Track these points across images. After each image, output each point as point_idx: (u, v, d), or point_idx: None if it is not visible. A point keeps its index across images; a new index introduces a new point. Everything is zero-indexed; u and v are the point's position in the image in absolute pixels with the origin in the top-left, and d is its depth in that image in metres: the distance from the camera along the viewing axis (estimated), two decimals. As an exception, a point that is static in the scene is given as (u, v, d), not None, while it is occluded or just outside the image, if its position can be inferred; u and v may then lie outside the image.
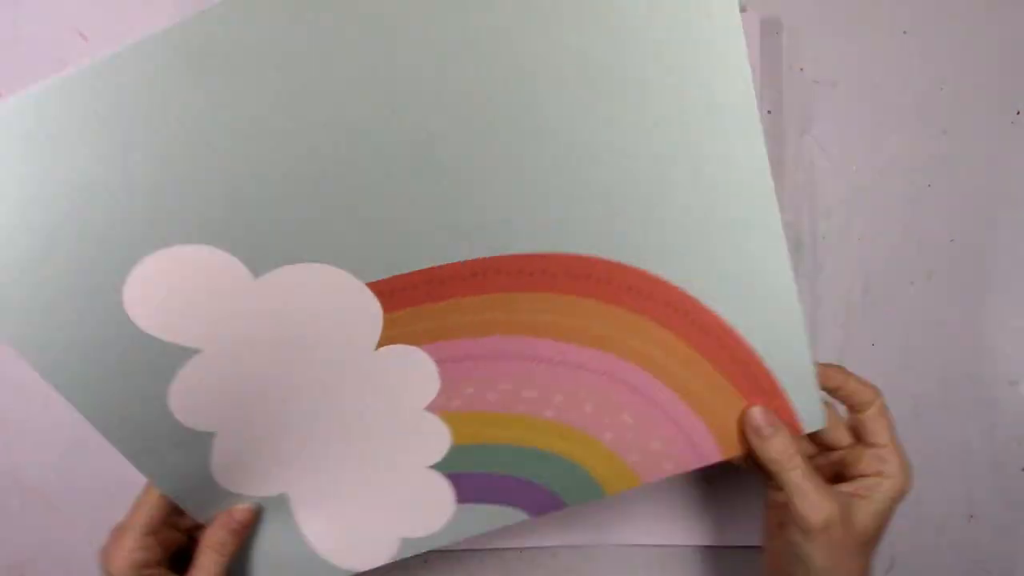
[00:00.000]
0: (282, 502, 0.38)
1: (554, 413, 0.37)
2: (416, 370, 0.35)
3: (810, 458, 0.39)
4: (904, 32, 0.47)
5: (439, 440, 0.37)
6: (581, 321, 0.35)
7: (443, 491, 0.38)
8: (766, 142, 0.31)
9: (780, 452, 0.35)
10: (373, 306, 0.33)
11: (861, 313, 0.49)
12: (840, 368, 0.38)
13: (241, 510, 0.38)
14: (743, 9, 0.47)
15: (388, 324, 0.34)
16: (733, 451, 0.38)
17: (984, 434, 0.49)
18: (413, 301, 0.34)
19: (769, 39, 0.47)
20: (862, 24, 0.48)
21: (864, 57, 0.48)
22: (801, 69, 0.48)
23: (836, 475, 0.39)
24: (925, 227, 0.48)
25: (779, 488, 0.36)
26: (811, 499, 0.35)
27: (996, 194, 0.48)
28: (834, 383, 0.38)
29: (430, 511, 0.39)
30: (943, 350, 0.49)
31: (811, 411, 0.37)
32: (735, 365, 0.36)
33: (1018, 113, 0.48)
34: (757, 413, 0.36)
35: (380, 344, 0.34)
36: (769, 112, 0.48)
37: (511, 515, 0.39)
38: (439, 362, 0.35)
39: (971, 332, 0.48)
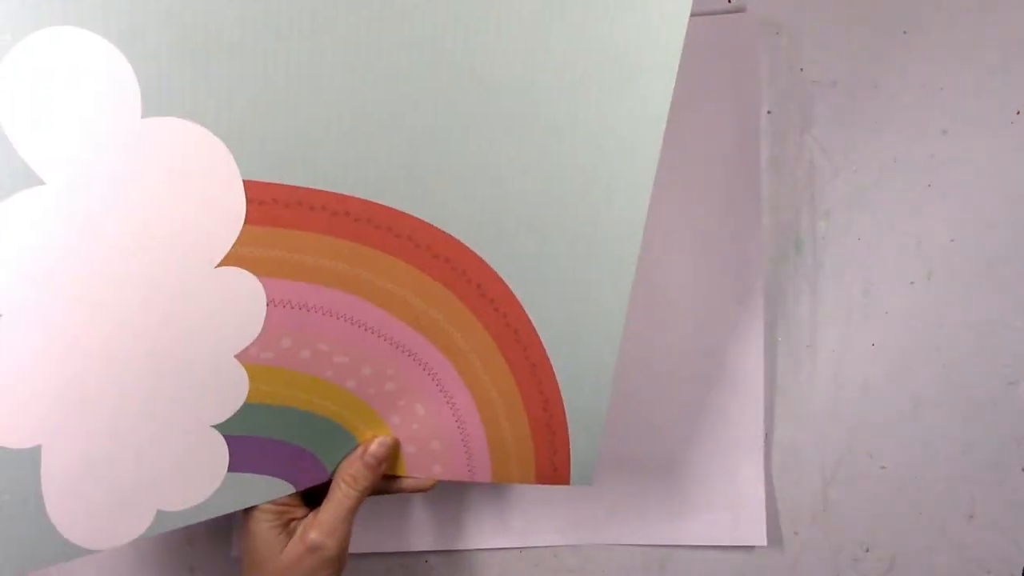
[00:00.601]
0: (32, 457, 0.31)
1: (355, 384, 0.35)
2: (244, 306, 0.31)
3: None
4: (904, 32, 0.47)
5: (234, 395, 0.33)
6: (423, 304, 0.34)
7: (218, 456, 0.34)
8: (649, 192, 0.32)
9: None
10: (238, 209, 0.29)
11: (861, 313, 0.49)
12: None
13: (378, 442, 0.37)
14: (743, 9, 0.47)
15: (242, 239, 0.30)
16: (503, 479, 0.39)
17: (984, 434, 0.49)
18: (278, 220, 0.30)
19: (769, 39, 0.47)
20: (862, 24, 0.48)
21: (864, 57, 0.48)
22: (801, 69, 0.48)
23: None
24: (925, 227, 0.48)
25: None
26: None
27: (996, 194, 0.48)
28: None
29: (198, 479, 0.34)
30: (943, 350, 0.49)
31: (585, 469, 0.38)
32: (538, 396, 0.36)
33: (1018, 113, 0.48)
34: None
35: (224, 262, 0.30)
36: (769, 112, 0.48)
37: (278, 487, 0.37)
38: (271, 303, 0.32)
39: (971, 332, 0.48)
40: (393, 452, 0.38)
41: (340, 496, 0.37)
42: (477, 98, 0.31)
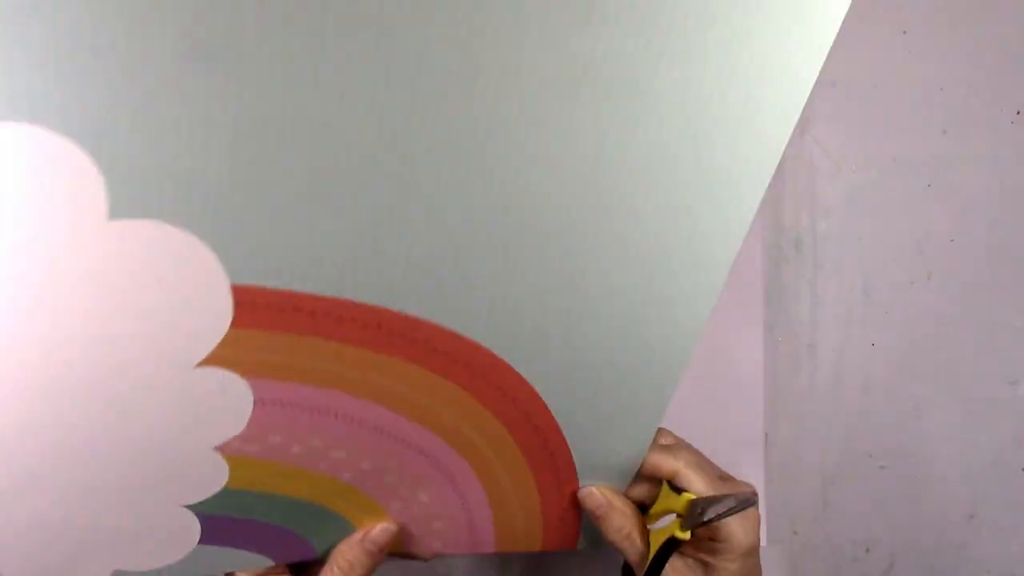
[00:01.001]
0: None
1: (351, 477, 0.33)
2: (228, 404, 0.29)
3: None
4: (904, 32, 0.47)
5: (212, 482, 0.31)
6: (422, 396, 0.32)
7: (189, 531, 0.32)
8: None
9: (617, 531, 0.35)
10: (224, 313, 0.27)
11: (861, 313, 0.49)
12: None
13: (381, 528, 0.35)
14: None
15: (227, 341, 0.28)
16: (509, 548, 0.37)
17: (984, 434, 0.49)
18: (268, 324, 0.28)
19: (769, 39, 0.47)
20: (862, 24, 0.48)
21: (864, 57, 0.48)
22: (801, 69, 0.48)
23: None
24: (925, 227, 0.48)
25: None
26: None
27: (996, 194, 0.48)
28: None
29: (164, 547, 0.32)
30: (943, 350, 0.49)
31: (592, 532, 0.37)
32: (552, 481, 0.35)
33: (1018, 113, 0.48)
34: (594, 493, 0.35)
35: (205, 362, 0.28)
36: (769, 112, 0.48)
37: (255, 560, 0.34)
38: (258, 402, 0.30)
39: (971, 332, 0.48)
40: (394, 540, 0.35)
41: None
42: (516, 215, 0.28)
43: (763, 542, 0.48)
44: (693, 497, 0.33)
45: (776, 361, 0.49)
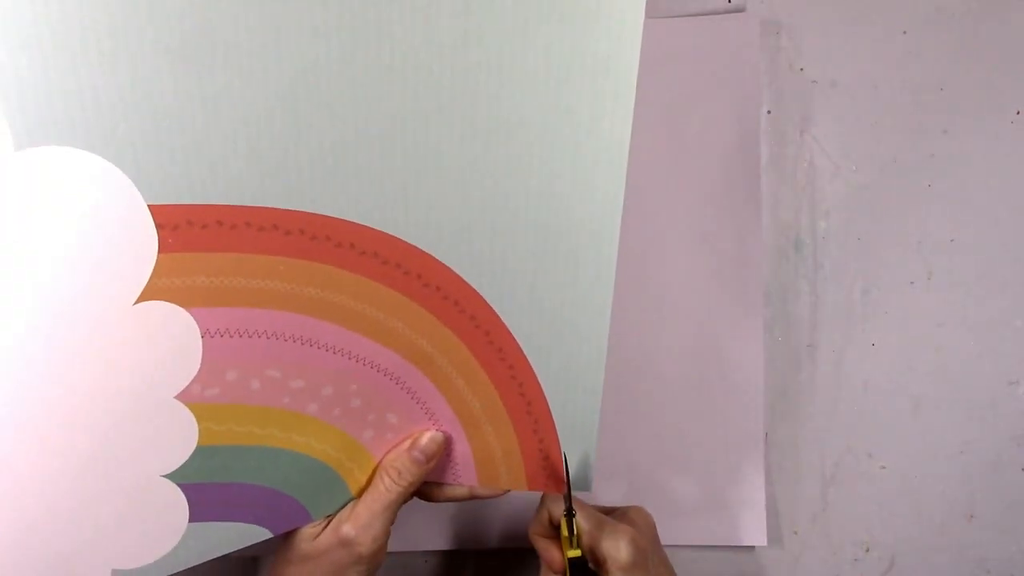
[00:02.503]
0: None
1: (317, 408, 0.32)
2: (176, 341, 0.28)
3: None
4: (904, 32, 0.47)
5: (183, 440, 0.30)
6: (380, 313, 0.31)
7: (176, 508, 0.31)
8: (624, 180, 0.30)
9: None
10: (149, 238, 0.26)
11: (861, 313, 0.49)
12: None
13: (429, 437, 0.34)
14: (743, 9, 0.47)
15: (160, 269, 0.26)
16: (493, 482, 0.37)
17: (984, 434, 0.49)
18: (196, 244, 0.27)
19: (769, 39, 0.47)
20: (862, 24, 0.48)
21: (864, 57, 0.48)
22: (801, 69, 0.48)
23: None
24: (925, 227, 0.48)
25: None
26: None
27: (996, 194, 0.48)
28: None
29: (156, 533, 0.31)
30: (943, 350, 0.49)
31: (581, 475, 0.36)
32: (522, 405, 0.34)
33: (1018, 113, 0.48)
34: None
35: (143, 297, 0.27)
36: (769, 112, 0.48)
37: (252, 533, 0.33)
38: (205, 335, 0.28)
39: (971, 332, 0.48)
40: (443, 450, 0.35)
41: (382, 489, 0.34)
42: (432, 95, 0.28)
43: (764, 542, 0.48)
44: (559, 520, 0.35)
45: (776, 361, 0.49)
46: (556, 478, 0.36)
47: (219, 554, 0.33)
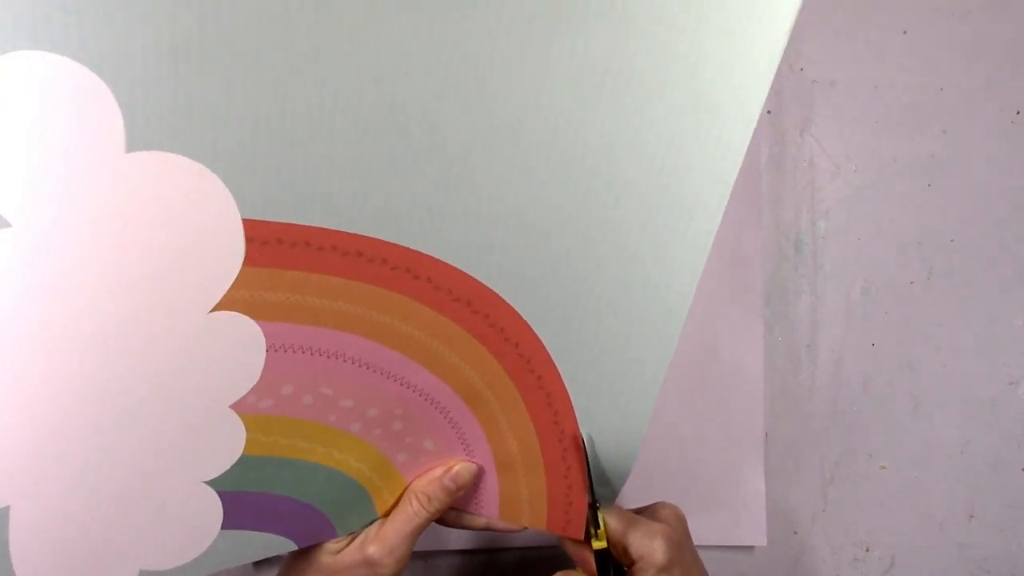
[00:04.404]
0: None
1: (360, 427, 0.32)
2: (241, 353, 0.28)
3: None
4: (904, 32, 0.47)
5: (230, 449, 0.30)
6: (442, 346, 0.31)
7: (211, 514, 0.31)
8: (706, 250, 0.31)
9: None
10: (236, 250, 0.26)
11: (861, 313, 0.49)
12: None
13: (464, 467, 0.35)
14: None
15: (240, 281, 0.27)
16: (513, 518, 0.37)
17: (984, 434, 0.49)
18: (280, 261, 0.27)
19: (769, 39, 0.47)
20: (862, 24, 0.48)
21: (864, 57, 0.48)
22: (801, 69, 0.48)
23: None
24: (925, 227, 0.48)
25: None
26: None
27: (996, 194, 0.48)
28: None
29: (187, 537, 0.31)
30: (943, 350, 0.49)
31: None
32: (560, 458, 0.34)
33: (1018, 113, 0.48)
34: None
35: (219, 306, 0.27)
36: (769, 112, 0.48)
37: (277, 544, 0.33)
38: (271, 348, 0.29)
39: (971, 332, 0.48)
40: (474, 481, 0.35)
41: (410, 513, 0.34)
42: (522, 142, 0.28)
43: (764, 542, 0.48)
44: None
45: (776, 361, 0.49)
46: (575, 524, 0.36)
47: (242, 563, 0.33)
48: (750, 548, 0.49)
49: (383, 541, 0.34)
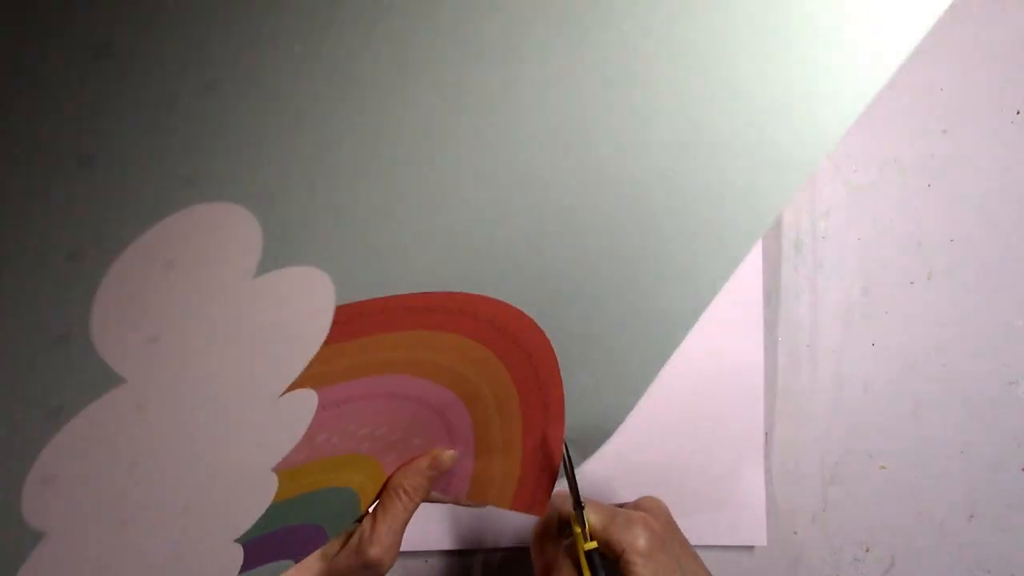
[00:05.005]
0: (30, 538, 0.24)
1: (369, 446, 0.33)
2: (295, 422, 0.27)
3: None
4: (904, 32, 0.47)
5: (261, 503, 0.29)
6: (456, 362, 0.31)
7: (232, 565, 0.30)
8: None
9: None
10: (322, 335, 0.25)
11: (861, 313, 0.49)
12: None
13: (449, 456, 0.35)
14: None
15: (316, 360, 0.25)
16: (480, 499, 0.37)
17: (984, 434, 0.49)
18: (353, 333, 0.26)
19: (769, 39, 0.47)
20: (862, 24, 0.47)
21: (864, 57, 0.48)
22: (801, 69, 0.48)
23: None
24: (925, 227, 0.48)
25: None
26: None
27: (996, 194, 0.48)
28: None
29: None
30: (943, 350, 0.49)
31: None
32: (540, 442, 0.35)
33: (1018, 113, 0.48)
34: None
35: (289, 388, 0.26)
36: (769, 112, 0.48)
37: (279, 568, 0.33)
38: (320, 407, 0.28)
39: (971, 332, 0.48)
40: (452, 465, 0.36)
41: (400, 508, 0.34)
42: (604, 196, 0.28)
43: (764, 542, 0.48)
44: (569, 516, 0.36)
45: (776, 361, 0.49)
46: (539, 503, 0.37)
47: None
48: (750, 548, 0.49)
49: (379, 542, 0.34)
